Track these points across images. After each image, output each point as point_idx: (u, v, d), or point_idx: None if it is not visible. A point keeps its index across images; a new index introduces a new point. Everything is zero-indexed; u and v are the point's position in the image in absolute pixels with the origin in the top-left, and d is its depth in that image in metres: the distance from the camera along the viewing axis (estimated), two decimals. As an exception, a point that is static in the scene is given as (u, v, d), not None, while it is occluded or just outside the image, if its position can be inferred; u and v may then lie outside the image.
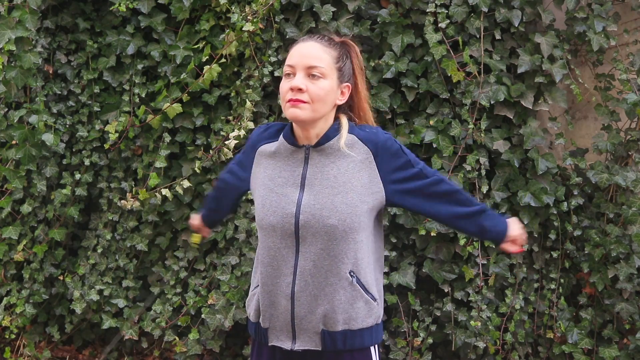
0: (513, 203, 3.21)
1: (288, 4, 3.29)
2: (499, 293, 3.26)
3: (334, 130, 1.86)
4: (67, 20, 3.60)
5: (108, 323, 3.54)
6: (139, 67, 3.51)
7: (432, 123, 3.20)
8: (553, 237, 3.22)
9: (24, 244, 3.58)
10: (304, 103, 1.79)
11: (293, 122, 1.86)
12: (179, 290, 3.49)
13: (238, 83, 3.34)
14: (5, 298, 3.61)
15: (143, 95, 3.50)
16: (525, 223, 3.17)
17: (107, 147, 3.52)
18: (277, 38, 3.30)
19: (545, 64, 3.16)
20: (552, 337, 3.25)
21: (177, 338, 3.45)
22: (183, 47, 3.41)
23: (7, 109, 3.59)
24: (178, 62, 3.39)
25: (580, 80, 3.28)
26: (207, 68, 3.32)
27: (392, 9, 3.21)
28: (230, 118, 3.38)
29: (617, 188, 3.25)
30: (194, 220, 2.28)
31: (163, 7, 3.48)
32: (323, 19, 3.20)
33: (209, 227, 2.31)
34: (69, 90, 3.65)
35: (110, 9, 3.47)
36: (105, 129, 3.52)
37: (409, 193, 1.87)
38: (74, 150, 3.63)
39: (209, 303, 3.35)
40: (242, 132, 3.24)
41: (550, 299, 3.24)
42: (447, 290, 3.22)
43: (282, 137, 1.90)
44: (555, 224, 3.21)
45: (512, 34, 3.25)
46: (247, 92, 3.28)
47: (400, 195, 1.87)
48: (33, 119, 3.42)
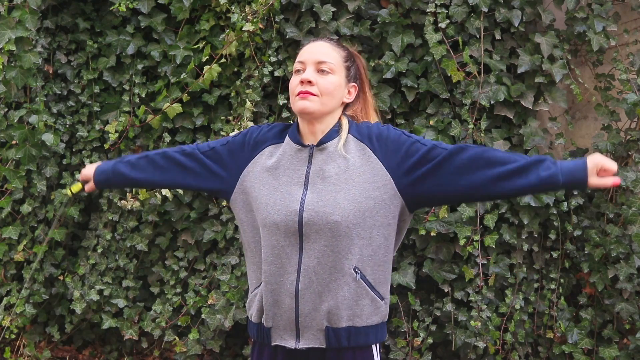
0: (513, 203, 3.21)
1: (288, 4, 3.29)
2: (499, 293, 3.26)
3: (335, 131, 1.87)
4: (67, 20, 3.60)
5: (108, 323, 3.54)
6: (139, 67, 3.51)
7: (432, 123, 3.20)
8: (553, 237, 3.22)
9: (24, 244, 3.58)
10: (313, 95, 1.83)
11: (301, 115, 1.87)
12: (179, 290, 3.49)
13: (238, 83, 3.34)
14: (5, 298, 3.61)
15: (143, 95, 3.50)
16: (526, 223, 3.18)
17: (107, 147, 3.52)
18: (277, 38, 3.30)
19: (545, 64, 3.16)
20: (552, 337, 3.25)
21: (177, 338, 3.45)
22: (183, 47, 3.41)
23: (7, 109, 3.59)
24: (178, 62, 3.39)
25: (580, 80, 3.28)
26: (207, 68, 3.32)
27: (392, 9, 3.21)
28: (230, 118, 3.38)
29: (617, 188, 3.25)
30: (87, 169, 2.03)
31: (163, 7, 3.48)
32: (323, 19, 3.20)
33: (105, 183, 2.02)
34: (69, 90, 3.65)
35: (110, 9, 3.47)
36: (105, 129, 3.52)
37: (428, 176, 1.77)
38: (74, 150, 3.63)
39: (209, 303, 3.35)
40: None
41: (550, 299, 3.24)
42: (447, 290, 3.22)
43: (288, 137, 1.91)
44: (555, 224, 3.21)
45: (512, 34, 3.25)
46: (247, 92, 3.28)
47: (419, 182, 1.78)
48: (33, 119, 3.42)
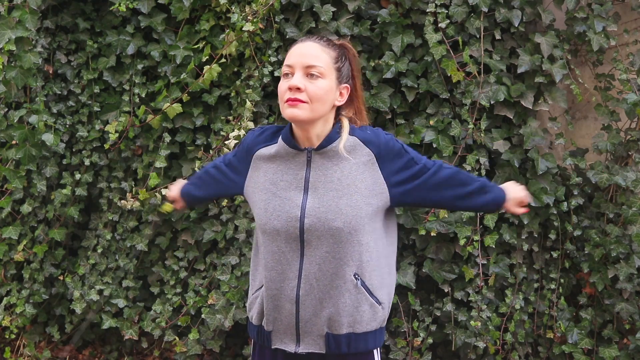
0: (513, 203, 3.21)
1: (288, 4, 3.29)
2: (499, 293, 3.26)
3: (336, 133, 1.84)
4: (67, 20, 3.60)
5: (108, 323, 3.54)
6: (139, 67, 3.51)
7: (432, 123, 3.20)
8: (553, 237, 3.22)
9: (24, 244, 3.58)
10: (303, 103, 1.76)
11: (292, 122, 1.83)
12: (179, 290, 3.49)
13: (238, 83, 3.34)
14: (5, 298, 3.61)
15: (143, 95, 3.50)
16: (526, 223, 3.18)
17: (107, 147, 3.52)
18: (277, 38, 3.30)
19: (545, 64, 3.16)
20: (552, 337, 3.25)
21: (177, 338, 3.45)
22: (183, 47, 3.41)
23: (7, 109, 3.59)
24: (178, 62, 3.39)
25: (580, 80, 3.28)
26: (207, 68, 3.32)
27: (392, 9, 3.21)
28: (230, 118, 3.38)
29: (617, 188, 3.25)
30: (172, 192, 2.18)
31: (163, 7, 3.48)
32: (323, 19, 3.20)
33: (187, 204, 2.18)
34: (69, 90, 3.64)
35: (110, 9, 3.47)
36: (105, 129, 3.52)
37: (414, 190, 1.87)
38: (74, 150, 3.62)
39: (209, 303, 3.35)
40: (242, 132, 3.23)
41: (550, 299, 3.24)
42: (447, 290, 3.22)
43: (281, 139, 1.87)
44: (555, 224, 3.21)
45: (512, 34, 3.25)
46: (247, 92, 3.28)
47: (407, 194, 1.86)
48: (33, 119, 3.42)
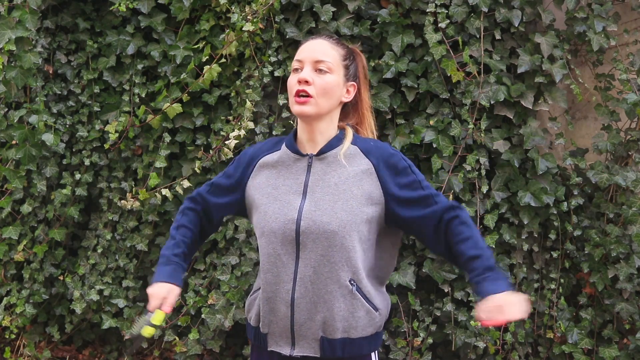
0: (513, 203, 3.21)
1: (288, 4, 3.29)
2: (499, 293, 3.25)
3: (337, 140, 1.86)
4: (67, 20, 3.60)
5: (108, 323, 3.54)
6: (139, 67, 3.51)
7: (432, 123, 3.20)
8: (553, 237, 3.22)
9: (24, 244, 3.58)
10: (310, 97, 1.81)
11: (299, 117, 1.86)
12: (179, 290, 3.48)
13: (238, 83, 3.34)
14: (5, 298, 3.61)
15: (143, 95, 3.50)
16: (526, 223, 3.18)
17: (107, 147, 3.52)
18: (277, 38, 3.30)
19: (545, 64, 3.16)
20: (552, 337, 3.25)
21: (177, 338, 3.45)
22: (183, 47, 3.41)
23: (7, 109, 3.59)
24: (178, 62, 3.39)
25: (580, 80, 3.28)
26: (207, 68, 3.32)
27: (392, 9, 3.21)
28: (230, 118, 3.38)
29: (617, 188, 3.25)
30: (159, 290, 1.87)
31: (163, 7, 3.48)
32: (323, 19, 3.20)
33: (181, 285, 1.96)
34: (69, 90, 3.65)
35: (110, 9, 3.47)
36: (105, 129, 3.52)
37: (414, 218, 1.82)
38: (74, 150, 3.62)
39: (209, 303, 3.35)
40: (242, 132, 3.23)
41: (550, 299, 3.24)
42: (447, 290, 3.22)
43: (284, 146, 1.90)
44: (555, 224, 3.21)
45: (512, 34, 3.25)
46: (247, 92, 3.28)
47: (403, 217, 1.82)
48: (33, 119, 3.42)
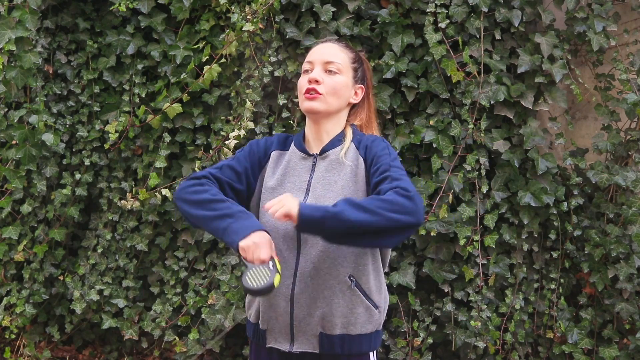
0: (513, 203, 3.21)
1: (288, 4, 3.29)
2: (499, 293, 3.26)
3: (338, 140, 1.92)
4: (67, 20, 3.60)
5: (108, 323, 3.54)
6: (139, 67, 3.51)
7: (432, 123, 3.20)
8: (553, 237, 3.22)
9: (24, 244, 3.58)
10: (320, 95, 1.88)
11: (308, 114, 1.92)
12: (179, 290, 3.49)
13: (238, 83, 3.34)
14: (5, 298, 3.61)
15: (143, 95, 3.50)
16: (526, 223, 3.18)
17: (107, 147, 3.52)
18: (277, 38, 3.30)
19: (545, 64, 3.16)
20: (552, 337, 3.25)
21: (177, 338, 3.45)
22: (183, 47, 3.41)
23: (7, 109, 3.59)
24: (178, 62, 3.39)
25: (580, 80, 3.28)
26: (207, 68, 3.32)
27: (392, 9, 3.21)
28: (230, 118, 3.38)
29: (617, 188, 3.25)
30: (263, 237, 1.71)
31: (163, 7, 3.48)
32: (323, 19, 3.20)
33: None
34: (69, 90, 3.64)
35: (110, 9, 3.47)
36: (105, 129, 3.52)
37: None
38: (74, 150, 3.62)
39: (209, 303, 3.35)
40: (242, 132, 3.23)
41: (550, 299, 3.24)
42: (447, 290, 3.22)
43: (293, 145, 1.96)
44: (555, 224, 3.21)
45: (512, 34, 3.25)
46: (247, 92, 3.28)
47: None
48: (33, 119, 3.42)
